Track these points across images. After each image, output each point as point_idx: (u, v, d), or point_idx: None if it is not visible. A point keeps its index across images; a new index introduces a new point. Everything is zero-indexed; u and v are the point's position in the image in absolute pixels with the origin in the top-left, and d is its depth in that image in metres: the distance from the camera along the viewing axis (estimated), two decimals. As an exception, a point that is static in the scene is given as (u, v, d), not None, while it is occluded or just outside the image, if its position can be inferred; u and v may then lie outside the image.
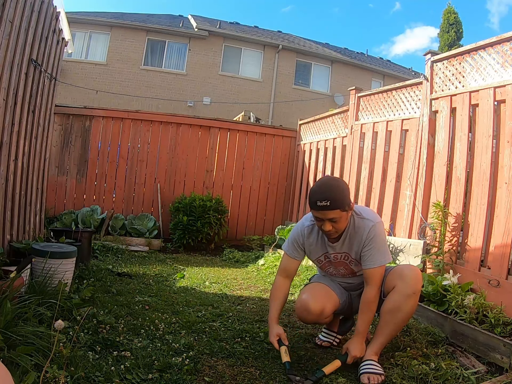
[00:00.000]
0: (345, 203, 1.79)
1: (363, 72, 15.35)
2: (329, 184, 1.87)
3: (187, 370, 1.73)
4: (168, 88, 13.44)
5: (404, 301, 1.82)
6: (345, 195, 1.82)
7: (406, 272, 1.88)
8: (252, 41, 14.45)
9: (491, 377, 1.80)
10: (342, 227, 1.88)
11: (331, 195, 1.76)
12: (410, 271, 1.89)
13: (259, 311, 2.75)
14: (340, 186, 1.84)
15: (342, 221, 1.84)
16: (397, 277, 1.88)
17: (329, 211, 1.77)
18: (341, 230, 1.89)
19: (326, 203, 1.75)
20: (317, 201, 1.78)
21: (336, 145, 5.11)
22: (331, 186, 1.83)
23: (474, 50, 2.93)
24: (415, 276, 1.87)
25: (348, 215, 1.86)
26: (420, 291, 1.93)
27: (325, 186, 1.84)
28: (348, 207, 1.82)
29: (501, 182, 2.65)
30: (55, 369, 1.49)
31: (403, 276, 1.86)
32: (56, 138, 5.52)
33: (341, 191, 1.81)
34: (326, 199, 1.75)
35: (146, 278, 3.52)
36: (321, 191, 1.81)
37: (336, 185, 1.85)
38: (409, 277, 1.85)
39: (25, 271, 2.31)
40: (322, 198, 1.76)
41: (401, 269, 1.93)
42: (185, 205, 5.36)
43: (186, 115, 6.95)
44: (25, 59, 3.03)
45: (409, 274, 1.86)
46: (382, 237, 1.91)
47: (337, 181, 1.91)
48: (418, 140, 3.50)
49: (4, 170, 2.87)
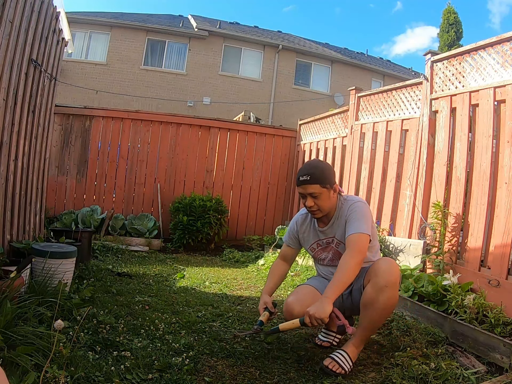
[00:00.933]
0: (325, 180, 1.95)
1: (363, 72, 15.35)
2: (313, 163, 2.10)
3: (187, 370, 1.72)
4: (168, 88, 13.45)
5: (377, 295, 1.79)
6: (326, 174, 1.98)
7: (380, 265, 1.86)
8: (252, 41, 14.45)
9: (491, 377, 1.80)
10: (324, 205, 1.99)
11: (312, 171, 1.97)
12: (384, 264, 1.86)
13: (259, 311, 2.75)
14: (322, 166, 2.02)
15: (323, 198, 1.97)
16: (372, 271, 1.87)
17: (309, 185, 1.94)
18: (324, 208, 2.00)
19: (307, 177, 1.94)
20: (300, 176, 1.98)
21: (336, 145, 5.11)
22: (314, 165, 2.04)
23: (474, 50, 2.93)
24: (389, 268, 1.84)
25: (330, 195, 1.98)
26: (397, 284, 1.86)
27: (309, 164, 2.08)
28: (330, 186, 1.97)
29: (501, 182, 2.65)
30: (55, 369, 1.49)
31: (377, 270, 1.84)
32: (56, 138, 5.52)
33: (322, 170, 1.99)
34: (307, 174, 1.96)
35: (146, 278, 3.52)
36: (304, 168, 2.03)
37: (319, 165, 2.04)
38: (382, 270, 1.83)
39: (25, 271, 2.31)
40: (304, 173, 1.97)
41: (377, 263, 1.91)
42: (185, 205, 5.36)
43: (186, 115, 6.96)
44: (25, 59, 3.03)
45: (383, 267, 1.84)
46: (363, 212, 1.96)
47: (321, 162, 2.11)
48: (418, 140, 3.50)
49: (4, 170, 2.87)
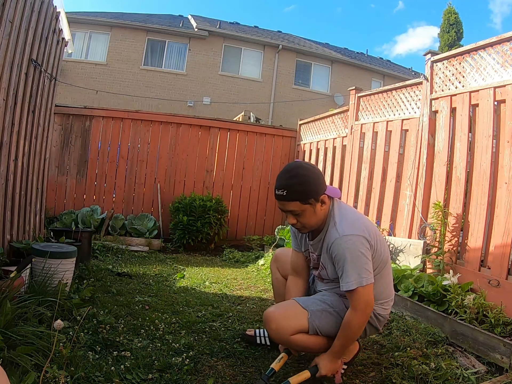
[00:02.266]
0: (307, 194, 1.55)
1: (363, 72, 15.35)
2: (292, 171, 1.59)
3: (187, 370, 1.73)
4: (168, 88, 13.45)
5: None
6: (308, 186, 1.56)
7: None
8: (252, 41, 14.46)
9: (491, 377, 1.80)
10: (309, 222, 1.63)
11: (289, 184, 1.54)
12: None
13: (259, 311, 2.75)
14: (303, 176, 1.56)
15: (307, 215, 1.60)
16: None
17: (286, 202, 1.57)
18: (309, 225, 1.65)
19: (283, 192, 1.55)
20: (276, 189, 1.58)
21: (336, 145, 5.11)
22: (293, 174, 1.57)
23: (474, 50, 2.93)
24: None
25: (316, 210, 1.60)
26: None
27: (287, 172, 1.60)
28: (315, 200, 1.58)
29: (501, 182, 2.65)
30: (55, 369, 1.49)
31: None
32: (56, 138, 5.51)
33: (303, 181, 1.55)
34: (283, 188, 1.55)
35: (146, 278, 3.52)
36: (281, 177, 1.59)
37: (301, 173, 1.57)
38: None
39: (25, 271, 2.31)
40: (280, 187, 1.56)
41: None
42: (185, 205, 5.35)
43: (186, 115, 6.95)
44: (25, 59, 3.03)
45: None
46: (351, 252, 1.55)
47: (303, 169, 1.59)
48: (418, 140, 3.50)
49: (4, 170, 2.87)
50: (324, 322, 1.70)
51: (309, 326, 1.67)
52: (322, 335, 1.70)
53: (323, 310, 1.71)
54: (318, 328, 1.69)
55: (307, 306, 1.71)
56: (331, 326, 1.70)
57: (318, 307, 1.72)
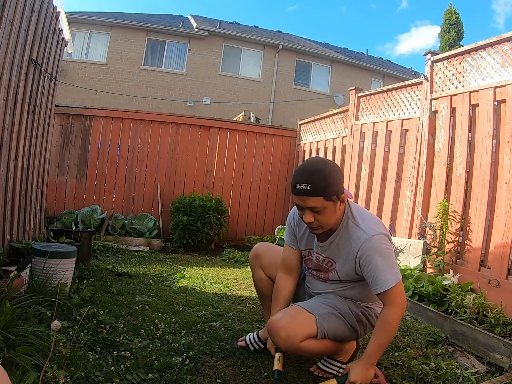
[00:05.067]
0: (331, 190, 1.50)
1: (363, 72, 15.36)
2: (315, 165, 1.54)
3: (187, 370, 1.72)
4: (168, 88, 13.45)
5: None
6: (333, 181, 1.51)
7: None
8: (252, 41, 14.46)
9: (491, 377, 1.80)
10: (328, 221, 1.58)
11: (314, 178, 1.48)
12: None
13: (259, 311, 2.75)
14: (327, 170, 1.52)
15: (327, 213, 1.54)
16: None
17: (309, 197, 1.49)
18: (327, 225, 1.59)
19: (306, 186, 1.48)
20: (297, 184, 1.50)
21: (336, 145, 5.11)
22: (317, 168, 1.52)
23: (474, 50, 2.93)
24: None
25: (336, 208, 1.56)
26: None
27: (310, 167, 1.54)
28: (337, 197, 1.53)
29: (501, 182, 2.65)
30: (55, 369, 1.49)
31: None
32: (56, 138, 5.51)
33: (327, 175, 1.51)
34: (307, 182, 1.48)
35: (146, 278, 3.52)
36: (304, 172, 1.52)
37: (324, 168, 1.52)
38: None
39: (25, 271, 2.31)
40: (302, 181, 1.49)
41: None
42: (185, 205, 5.35)
43: (186, 115, 6.95)
44: (25, 59, 3.03)
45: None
46: (382, 251, 1.56)
47: (325, 164, 1.55)
48: (418, 140, 3.50)
49: (4, 170, 2.87)
50: (332, 325, 1.68)
51: (318, 330, 1.63)
52: (329, 338, 1.68)
53: (329, 313, 1.69)
54: (327, 331, 1.66)
55: (313, 310, 1.67)
56: (338, 329, 1.69)
57: (324, 310, 1.69)
